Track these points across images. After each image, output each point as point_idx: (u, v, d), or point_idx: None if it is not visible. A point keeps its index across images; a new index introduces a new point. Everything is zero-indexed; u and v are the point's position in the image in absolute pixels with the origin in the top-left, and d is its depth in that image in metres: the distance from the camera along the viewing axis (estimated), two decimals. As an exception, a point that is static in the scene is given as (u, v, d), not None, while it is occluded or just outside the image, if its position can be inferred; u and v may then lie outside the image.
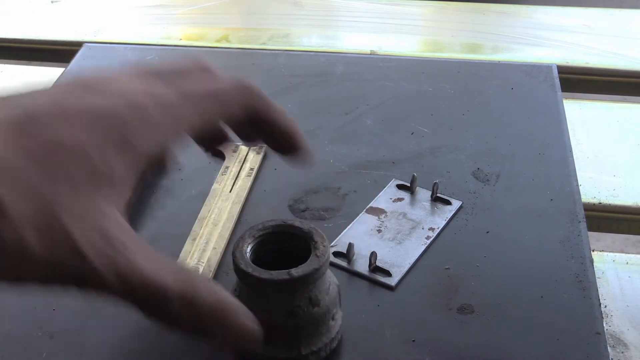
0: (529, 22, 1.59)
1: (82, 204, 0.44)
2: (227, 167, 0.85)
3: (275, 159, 0.87)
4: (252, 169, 0.85)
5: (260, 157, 0.87)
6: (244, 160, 0.86)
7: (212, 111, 0.54)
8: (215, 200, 0.80)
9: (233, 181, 0.83)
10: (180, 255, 0.73)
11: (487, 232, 0.77)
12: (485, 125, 0.94)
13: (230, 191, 0.81)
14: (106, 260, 0.45)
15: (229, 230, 0.77)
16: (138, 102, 0.48)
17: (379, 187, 0.83)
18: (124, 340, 0.67)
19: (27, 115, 0.44)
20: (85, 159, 0.45)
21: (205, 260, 0.72)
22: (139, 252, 0.48)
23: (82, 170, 0.45)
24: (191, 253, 0.73)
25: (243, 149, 0.88)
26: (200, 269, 0.71)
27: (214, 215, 0.78)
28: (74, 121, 0.45)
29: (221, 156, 0.87)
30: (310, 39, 1.54)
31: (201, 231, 0.76)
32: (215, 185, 0.83)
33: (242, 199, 0.81)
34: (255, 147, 0.88)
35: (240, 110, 0.57)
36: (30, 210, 0.42)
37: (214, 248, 0.74)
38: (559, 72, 1.05)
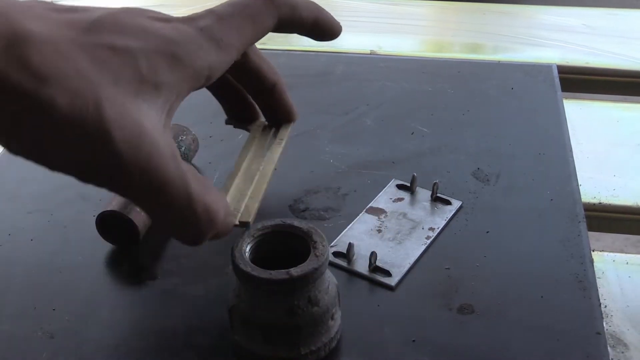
0: (529, 22, 1.59)
1: (122, 97, 0.49)
2: (254, 137, 0.77)
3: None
4: (281, 139, 0.76)
5: (288, 131, 0.78)
6: (271, 135, 0.77)
7: (249, 32, 0.63)
8: (247, 155, 0.73)
9: (262, 148, 0.75)
10: None
11: (487, 232, 0.77)
12: (485, 125, 0.94)
13: (261, 151, 0.74)
14: (132, 152, 0.49)
15: (266, 181, 0.69)
16: (186, 29, 0.55)
17: (379, 187, 0.83)
18: (124, 340, 0.67)
19: (89, 22, 0.51)
20: (132, 62, 0.51)
21: (242, 206, 0.65)
22: (166, 155, 0.51)
23: (128, 71, 0.50)
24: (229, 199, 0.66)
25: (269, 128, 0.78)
26: (238, 215, 0.64)
27: (247, 167, 0.71)
28: (128, 33, 0.52)
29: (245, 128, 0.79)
30: (310, 39, 1.54)
31: (233, 182, 0.69)
32: (243, 150, 0.74)
33: (276, 158, 0.73)
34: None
35: (272, 23, 0.65)
36: (73, 85, 0.47)
37: (251, 197, 0.67)
38: (559, 72, 1.05)
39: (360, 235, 0.77)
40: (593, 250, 0.81)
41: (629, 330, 0.87)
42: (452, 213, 0.79)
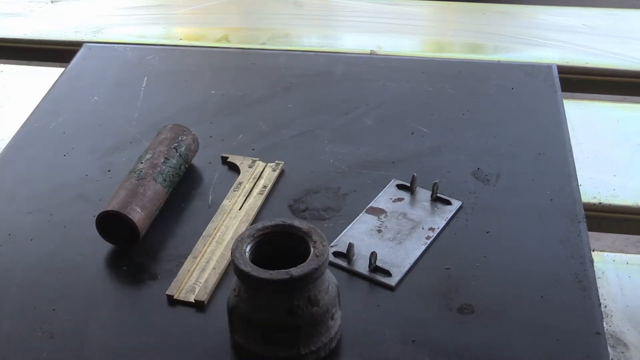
0: (529, 22, 1.59)
1: None
2: (240, 184, 0.82)
3: (275, 158, 0.87)
4: (265, 187, 0.82)
5: (275, 174, 0.84)
6: (259, 177, 0.83)
7: None
8: (223, 218, 0.78)
9: (244, 199, 0.80)
10: (179, 273, 0.72)
11: (487, 232, 0.77)
12: (485, 125, 0.94)
13: (240, 209, 0.79)
14: None
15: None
16: None
17: (379, 187, 0.83)
18: (124, 340, 0.67)
19: None
20: None
21: (203, 280, 0.70)
22: None
23: None
24: (190, 272, 0.72)
25: (260, 164, 0.85)
26: (197, 290, 0.70)
27: (219, 233, 0.76)
28: None
29: (236, 170, 0.85)
30: (310, 39, 1.54)
31: (204, 249, 0.74)
32: (225, 202, 0.80)
33: (251, 217, 0.78)
34: (271, 164, 0.85)
35: None
36: None
37: (214, 268, 0.72)
38: (559, 72, 1.05)
39: (360, 235, 0.77)
40: (593, 250, 0.81)
41: (629, 330, 0.87)
42: (452, 213, 0.79)
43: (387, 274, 0.72)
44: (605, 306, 0.88)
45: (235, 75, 1.07)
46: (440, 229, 0.77)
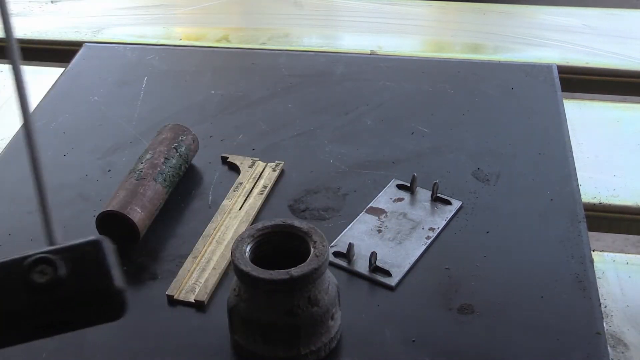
0: (529, 22, 1.59)
1: None
2: (240, 184, 0.82)
3: (275, 158, 0.87)
4: (265, 187, 0.82)
5: (275, 174, 0.84)
6: (259, 177, 0.83)
7: None
8: (223, 218, 0.78)
9: (244, 199, 0.80)
10: (179, 273, 0.72)
11: (487, 232, 0.77)
12: (485, 125, 0.94)
13: (240, 209, 0.79)
14: None
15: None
16: None
17: (379, 187, 0.83)
18: (124, 340, 0.67)
19: None
20: None
21: (203, 280, 0.71)
22: None
23: None
24: (190, 272, 0.72)
25: (260, 164, 0.85)
26: (197, 290, 0.70)
27: (220, 233, 0.76)
28: None
29: (236, 170, 0.85)
30: (310, 39, 1.54)
31: (204, 249, 0.74)
32: (225, 202, 0.80)
33: (251, 217, 0.78)
34: (271, 164, 0.85)
35: None
36: None
37: (214, 268, 0.72)
38: (559, 72, 1.05)
39: (361, 235, 0.77)
40: (593, 250, 0.81)
41: (629, 330, 0.87)
42: (452, 213, 0.79)
43: (387, 274, 0.72)
44: (605, 306, 0.88)
45: (235, 75, 1.07)
46: (440, 229, 0.77)
